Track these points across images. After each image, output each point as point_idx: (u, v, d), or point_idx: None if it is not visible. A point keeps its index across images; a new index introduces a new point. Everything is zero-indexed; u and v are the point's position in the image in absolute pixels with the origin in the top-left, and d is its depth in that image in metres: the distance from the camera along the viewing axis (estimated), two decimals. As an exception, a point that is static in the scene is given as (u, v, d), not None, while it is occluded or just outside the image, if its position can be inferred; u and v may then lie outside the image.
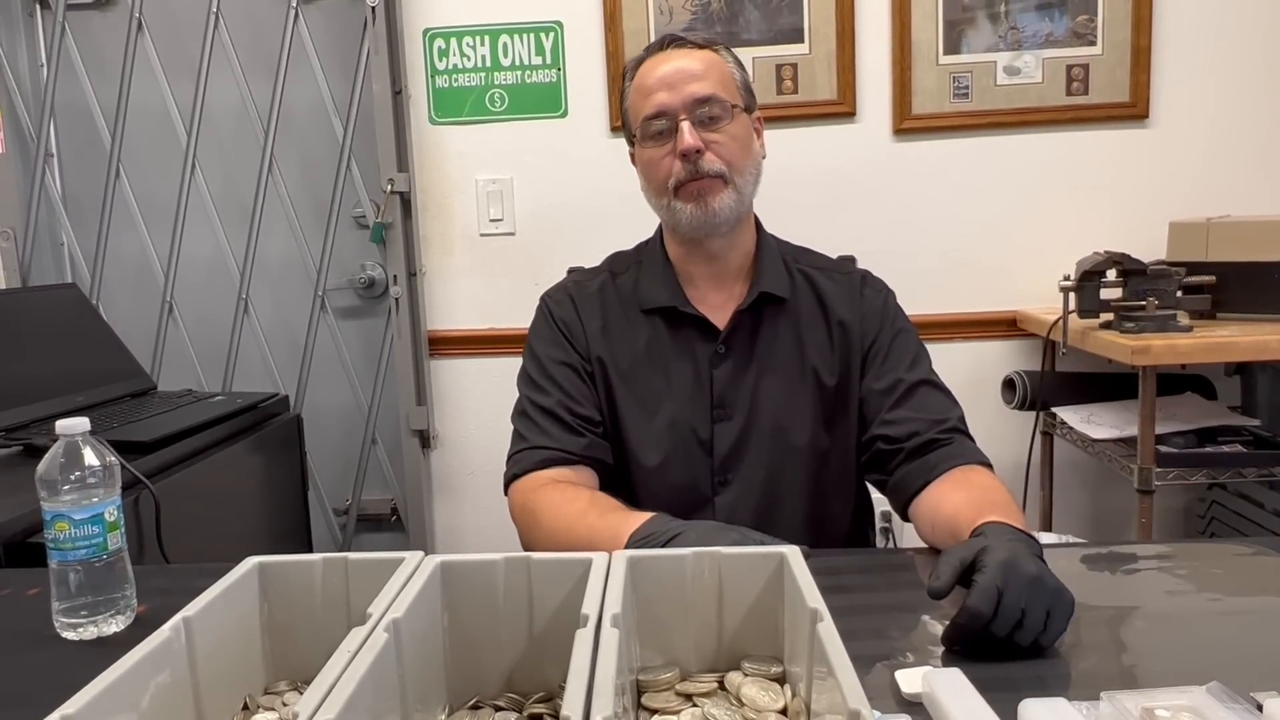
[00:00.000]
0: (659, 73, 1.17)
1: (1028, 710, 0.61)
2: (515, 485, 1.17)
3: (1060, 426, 2.06)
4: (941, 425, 1.13)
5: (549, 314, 1.28)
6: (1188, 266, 1.85)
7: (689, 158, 1.14)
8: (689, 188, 1.15)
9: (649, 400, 1.21)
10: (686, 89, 1.15)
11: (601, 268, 1.32)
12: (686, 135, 1.13)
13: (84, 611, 0.87)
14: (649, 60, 1.20)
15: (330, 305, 2.41)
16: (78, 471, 0.86)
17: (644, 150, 1.19)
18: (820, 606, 0.57)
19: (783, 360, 1.20)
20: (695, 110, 1.14)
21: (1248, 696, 0.63)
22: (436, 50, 2.25)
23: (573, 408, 1.19)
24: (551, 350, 1.24)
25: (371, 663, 0.53)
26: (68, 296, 1.98)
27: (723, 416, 1.19)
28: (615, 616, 0.57)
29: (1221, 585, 0.91)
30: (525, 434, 1.20)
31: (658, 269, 1.25)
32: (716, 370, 1.20)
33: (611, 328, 1.24)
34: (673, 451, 1.19)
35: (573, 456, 1.16)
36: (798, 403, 1.20)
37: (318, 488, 2.42)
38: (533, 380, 1.24)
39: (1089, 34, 2.16)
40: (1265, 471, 1.83)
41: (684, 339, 1.21)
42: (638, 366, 1.22)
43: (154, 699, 0.55)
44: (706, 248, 1.21)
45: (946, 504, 1.02)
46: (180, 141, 2.36)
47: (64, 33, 2.35)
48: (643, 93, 1.18)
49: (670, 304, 1.21)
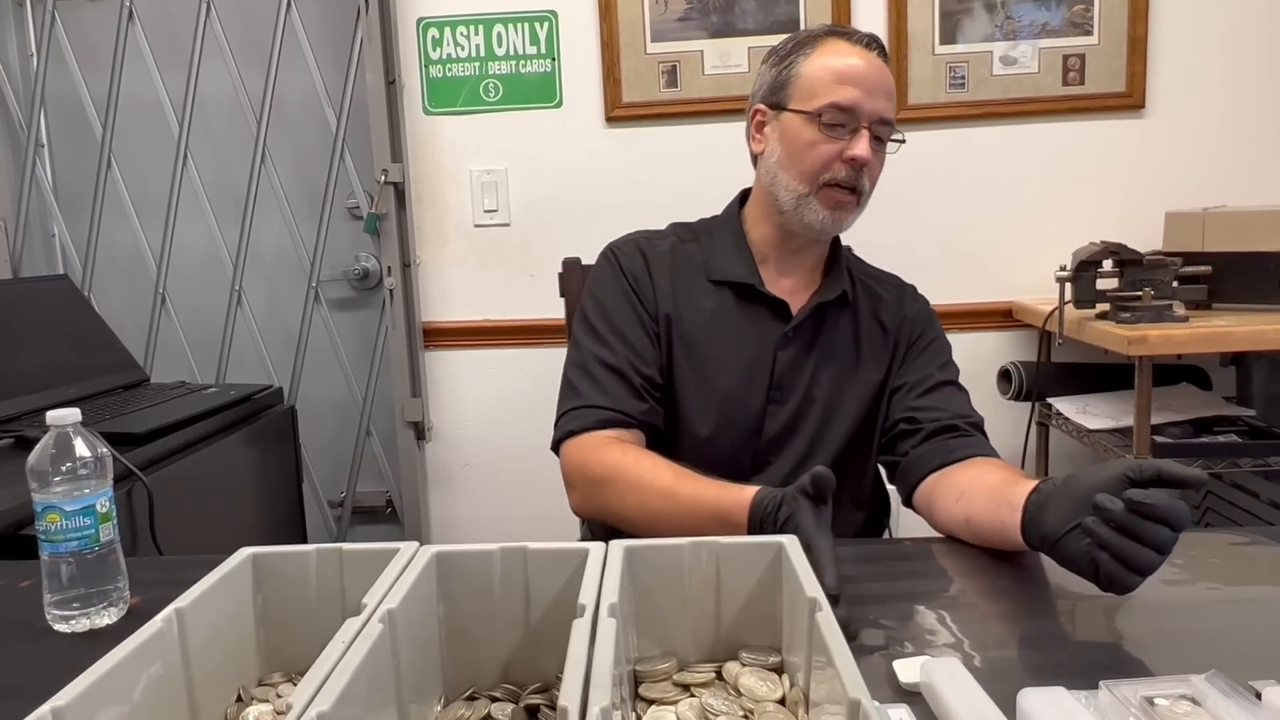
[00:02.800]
0: (858, 68, 1.14)
1: (1026, 699, 0.61)
2: (573, 443, 1.14)
3: (1056, 417, 2.06)
4: (966, 419, 1.15)
5: (618, 264, 1.24)
6: (1184, 257, 1.85)
7: (856, 166, 1.14)
8: (835, 194, 1.15)
9: (708, 369, 1.20)
10: (880, 103, 1.15)
11: (668, 232, 1.30)
12: (865, 147, 1.13)
13: (76, 603, 0.86)
14: (844, 43, 1.17)
15: (324, 297, 2.40)
16: (69, 463, 0.86)
17: (809, 130, 1.15)
18: (819, 596, 0.57)
19: (840, 355, 1.22)
20: (877, 126, 1.15)
21: (1246, 685, 0.63)
22: (430, 40, 2.24)
23: (639, 367, 1.17)
24: (618, 302, 1.21)
25: (366, 653, 0.52)
26: (59, 288, 1.97)
27: (778, 399, 1.20)
28: (612, 606, 0.57)
29: (1219, 575, 0.91)
30: (583, 390, 1.17)
31: (731, 243, 1.24)
32: (781, 352, 1.20)
33: (679, 288, 1.22)
34: (722, 425, 1.19)
35: (632, 420, 1.15)
36: (846, 397, 1.21)
37: (312, 480, 2.41)
38: (596, 332, 1.20)
39: (1085, 24, 2.15)
40: (1260, 461, 1.83)
41: (753, 316, 1.21)
42: (700, 333, 1.21)
43: (146, 691, 0.54)
44: (799, 242, 1.22)
45: (987, 478, 1.01)
46: (172, 132, 2.35)
47: (54, 22, 2.33)
48: (836, 75, 1.14)
49: (747, 280, 1.21)
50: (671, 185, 2.23)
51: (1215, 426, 1.89)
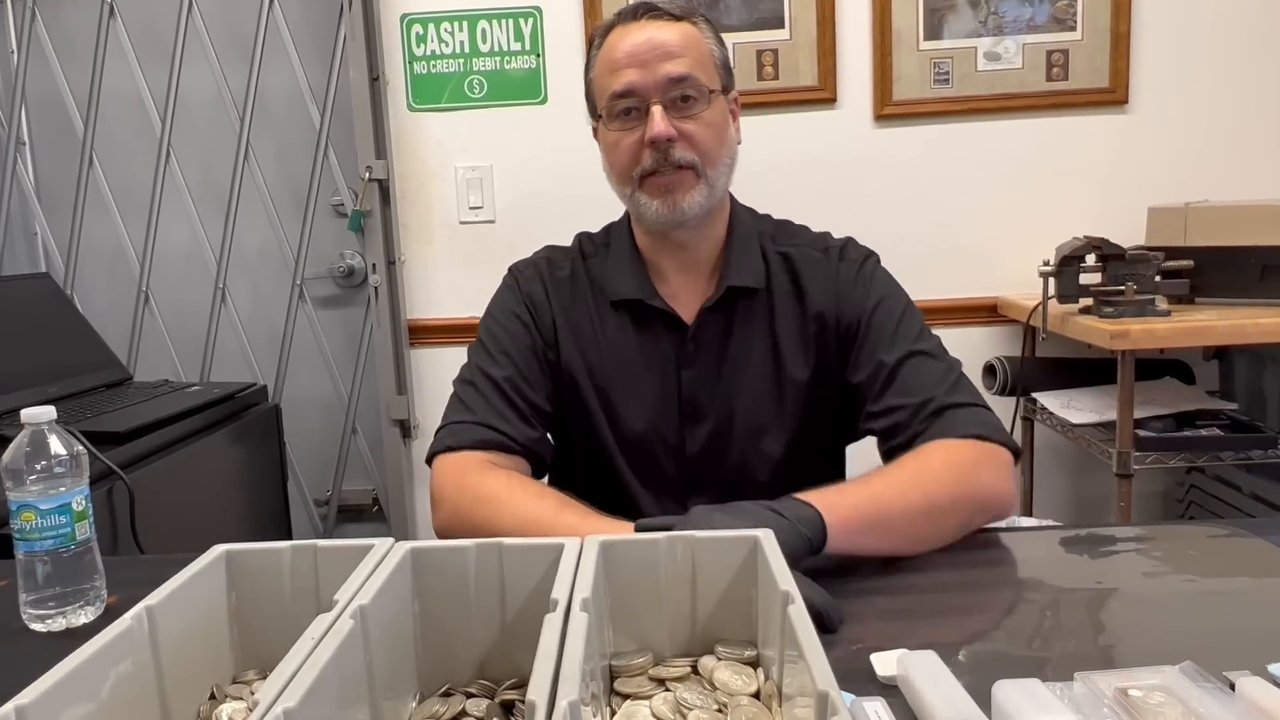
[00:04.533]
0: (630, 44, 1.06)
1: (1001, 691, 0.61)
2: (449, 459, 1.06)
3: (1040, 412, 2.07)
4: (924, 409, 1.03)
5: (516, 286, 1.18)
6: (1166, 251, 1.86)
7: (658, 146, 1.04)
8: (657, 181, 1.06)
9: (618, 401, 1.13)
10: (661, 68, 1.04)
11: (572, 249, 1.22)
12: (658, 122, 1.03)
13: (52, 603, 0.86)
14: (619, 28, 1.08)
15: (309, 294, 2.39)
16: (44, 461, 0.85)
17: (608, 131, 1.09)
18: (791, 589, 0.57)
19: (757, 358, 1.12)
20: (668, 92, 1.04)
21: (1220, 676, 0.63)
22: (414, 36, 2.23)
23: (524, 390, 1.10)
24: (511, 324, 1.15)
25: (336, 650, 0.52)
26: (41, 287, 1.96)
27: (693, 419, 1.12)
28: (585, 601, 0.57)
29: (1196, 567, 0.91)
30: (470, 405, 1.10)
31: (625, 257, 1.16)
32: (685, 370, 1.12)
33: (581, 323, 1.15)
34: (645, 455, 1.13)
35: (515, 446, 1.07)
36: (772, 403, 1.12)
37: (297, 478, 2.40)
38: (487, 350, 1.14)
39: (1069, 20, 2.16)
40: (1243, 455, 1.84)
41: (651, 335, 1.13)
42: (606, 366, 1.14)
43: (115, 689, 0.54)
44: (674, 238, 1.12)
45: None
46: (155, 129, 2.34)
47: (34, 19, 2.32)
48: (610, 66, 1.07)
49: (637, 296, 1.13)
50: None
51: (1198, 420, 1.90)
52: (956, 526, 0.95)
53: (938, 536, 0.94)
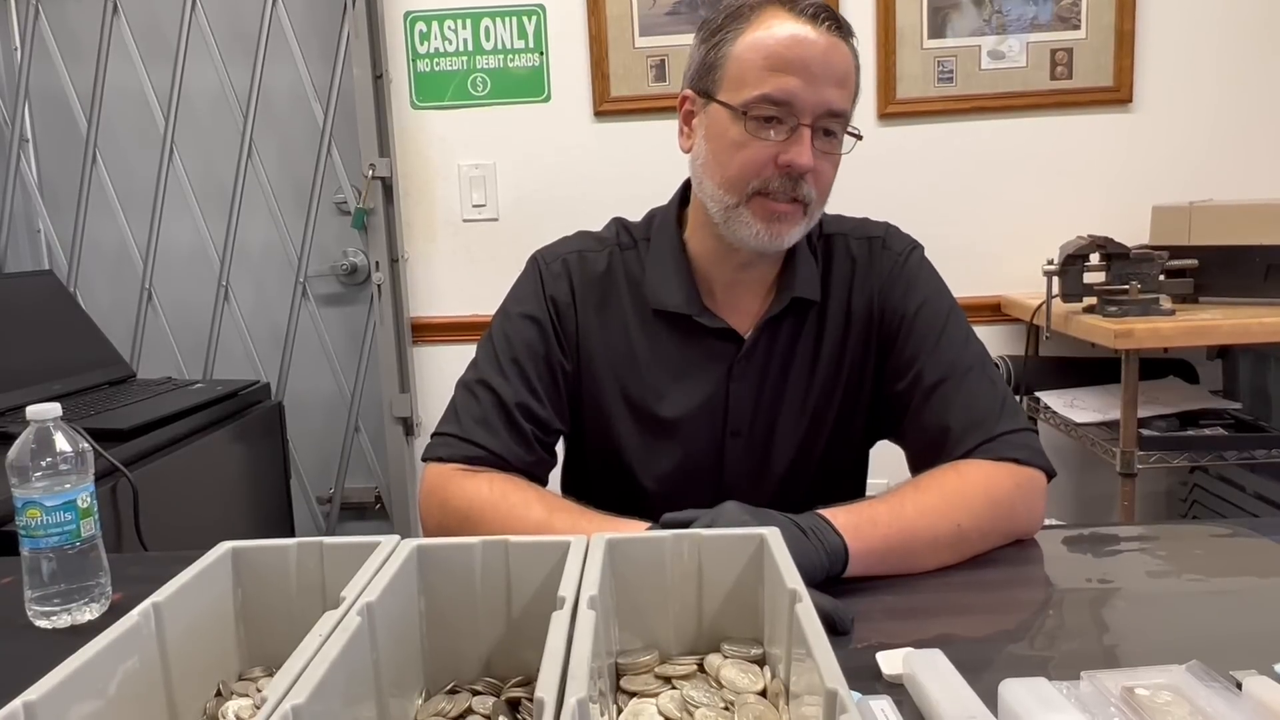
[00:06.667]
0: (804, 50, 0.93)
1: (1008, 690, 0.61)
2: (437, 469, 1.01)
3: (1044, 411, 2.07)
4: (968, 437, 0.97)
5: (540, 284, 1.08)
6: (1170, 250, 1.86)
7: (793, 174, 0.95)
8: (770, 205, 0.96)
9: (650, 410, 1.06)
10: (826, 92, 0.94)
11: (608, 238, 1.11)
12: (808, 152, 0.93)
13: (57, 600, 0.86)
14: (784, 12, 0.95)
15: (312, 292, 2.39)
16: (49, 457, 0.85)
17: (736, 128, 0.96)
18: (799, 587, 0.57)
19: (806, 371, 1.06)
20: (821, 119, 0.95)
21: (1227, 675, 0.63)
22: (418, 34, 2.23)
23: (530, 407, 1.03)
24: (527, 331, 1.06)
25: (343, 647, 0.52)
26: (45, 284, 1.96)
27: (736, 434, 1.06)
28: (592, 598, 0.57)
29: (1201, 566, 0.91)
30: (465, 419, 1.03)
31: (669, 260, 1.06)
32: (734, 385, 1.05)
33: (612, 325, 1.07)
34: (677, 470, 1.07)
35: (509, 466, 1.01)
36: (816, 420, 1.07)
37: (300, 476, 2.40)
38: (497, 355, 1.05)
39: (1073, 18, 2.16)
40: (1246, 454, 1.84)
41: (699, 346, 1.05)
42: (639, 373, 1.06)
43: (122, 685, 0.54)
44: (744, 255, 1.03)
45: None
46: (158, 126, 2.34)
47: (38, 16, 2.32)
48: (773, 60, 0.93)
49: (685, 311, 1.04)
50: (660, 179, 2.20)
51: (1201, 419, 1.90)
52: (977, 551, 0.93)
53: (955, 560, 0.91)
